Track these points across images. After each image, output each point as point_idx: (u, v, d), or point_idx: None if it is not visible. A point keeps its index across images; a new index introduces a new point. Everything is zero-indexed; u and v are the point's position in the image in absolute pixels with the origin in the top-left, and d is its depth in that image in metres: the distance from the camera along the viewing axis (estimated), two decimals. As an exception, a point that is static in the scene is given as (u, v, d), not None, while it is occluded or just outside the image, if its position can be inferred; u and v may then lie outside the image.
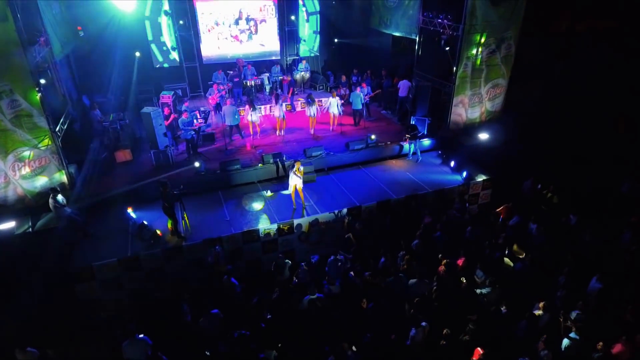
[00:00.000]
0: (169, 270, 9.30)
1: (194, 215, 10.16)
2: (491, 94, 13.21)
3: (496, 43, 12.30)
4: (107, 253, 8.95)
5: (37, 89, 8.82)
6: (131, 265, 8.95)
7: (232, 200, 10.89)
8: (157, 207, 10.25)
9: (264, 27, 16.16)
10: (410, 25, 14.10)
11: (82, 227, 9.44)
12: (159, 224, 9.78)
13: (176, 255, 9.27)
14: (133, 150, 12.35)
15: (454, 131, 13.25)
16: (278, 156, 11.80)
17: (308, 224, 10.21)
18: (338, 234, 10.55)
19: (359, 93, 13.61)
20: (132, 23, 14.56)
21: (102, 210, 10.22)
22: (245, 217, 10.23)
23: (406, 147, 12.90)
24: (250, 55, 16.33)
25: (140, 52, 15.09)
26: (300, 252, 10.38)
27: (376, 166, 12.54)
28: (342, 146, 12.70)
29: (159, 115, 11.13)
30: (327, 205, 10.61)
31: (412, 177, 11.86)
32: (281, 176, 11.89)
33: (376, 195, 10.92)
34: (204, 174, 11.25)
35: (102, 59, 14.71)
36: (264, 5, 15.81)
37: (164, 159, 11.50)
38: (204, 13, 15.31)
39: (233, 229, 9.74)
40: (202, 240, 9.36)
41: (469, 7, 11.38)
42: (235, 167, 11.41)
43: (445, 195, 11.29)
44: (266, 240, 9.95)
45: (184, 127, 11.74)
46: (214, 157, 12.25)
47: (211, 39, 15.78)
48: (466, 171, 11.59)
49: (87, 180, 10.80)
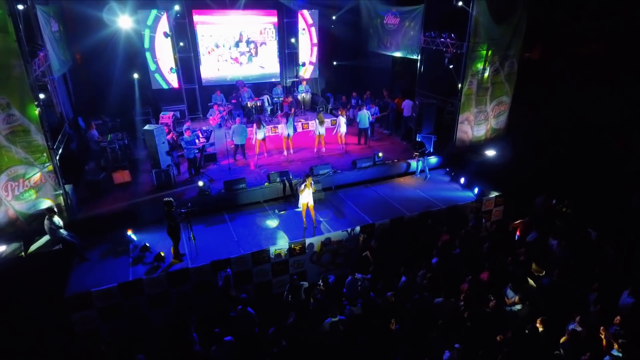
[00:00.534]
0: (173, 295, 8.62)
1: (199, 236, 9.59)
2: (496, 111, 13.23)
3: (500, 61, 12.42)
4: (106, 278, 8.27)
5: (36, 103, 8.36)
6: (133, 290, 8.26)
7: (238, 221, 10.37)
8: (159, 229, 9.74)
9: (264, 50, 16.16)
10: (411, 45, 14.24)
11: (79, 250, 8.76)
12: (162, 246, 9.17)
13: (182, 279, 8.62)
14: (132, 171, 11.82)
15: (460, 148, 13.13)
16: (285, 174, 11.42)
17: (320, 243, 9.70)
18: (351, 253, 10.08)
19: (366, 112, 13.51)
20: (132, 44, 14.37)
21: (100, 232, 9.58)
22: (254, 237, 9.69)
23: (414, 165, 12.68)
24: (250, 78, 16.22)
25: (138, 74, 14.84)
26: (312, 274, 9.82)
27: (384, 184, 12.24)
28: (349, 164, 12.41)
29: (162, 133, 10.72)
30: (338, 223, 10.17)
31: (422, 194, 11.56)
32: (288, 195, 11.47)
33: (388, 213, 10.54)
34: (207, 193, 10.74)
35: (99, 81, 14.43)
36: (264, 28, 15.87)
37: (165, 178, 10.97)
38: (204, 35, 15.25)
39: (242, 250, 9.18)
40: (209, 262, 8.76)
41: (472, 25, 11.51)
42: (240, 186, 10.96)
43: (459, 211, 10.99)
44: (276, 261, 9.39)
45: (187, 146, 11.31)
46: (218, 177, 11.79)
47: (211, 61, 15.66)
48: (478, 187, 11.36)
49: (84, 202, 10.21)
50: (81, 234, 9.09)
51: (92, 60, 14.14)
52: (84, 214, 9.88)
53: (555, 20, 12.85)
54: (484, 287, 8.30)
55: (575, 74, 13.14)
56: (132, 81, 14.71)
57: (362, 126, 13.59)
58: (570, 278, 8.50)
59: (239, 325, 7.35)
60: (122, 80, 14.60)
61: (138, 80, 14.89)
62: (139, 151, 13.43)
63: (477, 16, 11.38)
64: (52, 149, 8.82)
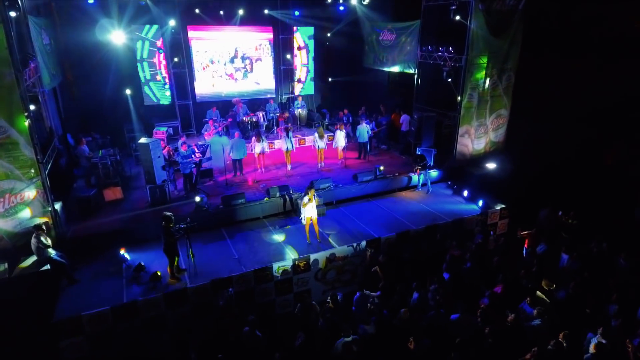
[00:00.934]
0: (171, 317, 8.03)
1: (197, 254, 9.09)
2: (495, 125, 13.22)
3: (498, 74, 12.48)
4: (98, 301, 7.68)
5: (26, 114, 7.90)
6: (127, 313, 7.66)
7: (237, 237, 9.90)
8: (154, 247, 9.22)
9: (259, 66, 16.02)
10: (408, 60, 14.28)
11: (68, 271, 8.15)
12: (158, 265, 8.63)
13: (180, 300, 8.06)
14: (124, 188, 11.30)
15: (460, 162, 13.00)
16: (285, 189, 11.05)
17: (325, 260, 9.28)
18: (356, 270, 9.68)
19: (366, 126, 13.35)
20: (123, 61, 14.05)
21: (91, 252, 9.00)
22: (256, 254, 9.22)
23: (415, 179, 12.46)
24: (245, 94, 16.00)
25: (131, 90, 14.47)
26: (316, 292, 9.35)
27: (386, 198, 11.96)
28: (349, 178, 12.12)
29: (158, 147, 10.29)
30: (342, 238, 9.79)
31: (426, 207, 11.31)
32: (288, 210, 11.07)
33: (394, 227, 10.23)
34: (205, 209, 10.28)
35: (89, 97, 14.00)
36: (259, 44, 15.77)
37: (160, 194, 10.48)
38: (199, 51, 15.05)
39: (244, 268, 8.69)
40: (210, 281, 8.24)
41: (471, 38, 11.57)
42: (239, 201, 10.53)
43: (465, 224, 10.74)
44: (279, 279, 8.90)
45: (183, 161, 10.88)
46: (214, 192, 11.35)
47: (206, 76, 15.41)
48: (482, 200, 11.16)
49: (74, 220, 9.65)
50: (71, 254, 8.50)
51: (82, 76, 13.76)
52: (74, 233, 9.30)
53: (547, 35, 13.03)
54: (499, 302, 7.98)
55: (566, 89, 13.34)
56: (123, 97, 14.32)
57: (362, 140, 13.41)
58: (586, 290, 8.24)
59: (246, 350, 6.81)
60: (113, 97, 14.20)
61: (130, 96, 14.52)
62: (130, 168, 12.95)
63: (475, 29, 11.45)
64: (41, 162, 8.32)
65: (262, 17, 15.38)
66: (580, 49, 12.86)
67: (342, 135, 12.94)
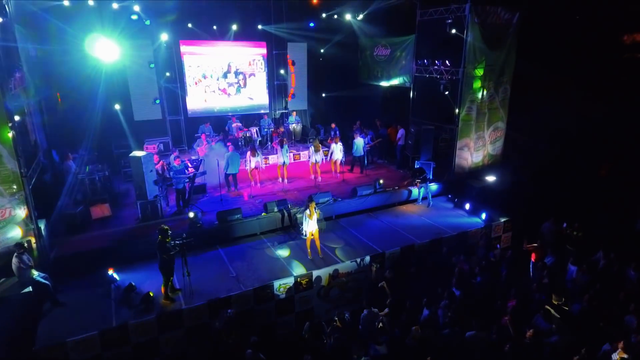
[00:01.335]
0: (164, 342, 7.42)
1: (193, 273, 8.53)
2: (492, 137, 13.15)
3: (494, 86, 12.49)
4: (85, 325, 7.05)
5: (10, 124, 7.41)
6: (116, 338, 7.03)
7: (234, 255, 9.39)
8: (145, 266, 8.70)
9: (252, 81, 15.80)
10: (403, 74, 14.27)
11: (52, 293, 7.51)
12: (150, 286, 8.05)
13: (174, 323, 7.47)
14: (112, 206, 10.74)
15: (459, 175, 12.83)
16: (282, 204, 10.65)
17: (328, 276, 8.82)
18: (360, 286, 9.22)
19: (361, 140, 13.14)
20: (112, 75, 13.65)
21: (76, 273, 8.36)
22: (255, 272, 8.71)
23: (415, 192, 12.20)
24: (238, 109, 15.70)
25: (120, 105, 14.04)
26: (319, 312, 8.85)
27: (387, 212, 11.65)
28: (348, 193, 11.78)
29: (150, 160, 9.82)
30: (345, 253, 9.38)
31: (428, 221, 11.02)
32: (286, 226, 10.63)
33: (397, 241, 9.87)
34: (199, 225, 9.77)
35: (76, 111, 13.50)
36: (253, 60, 15.60)
37: (152, 211, 9.95)
38: (191, 66, 14.77)
39: (243, 286, 8.16)
40: (207, 301, 7.68)
41: (468, 51, 11.58)
42: (235, 217, 10.06)
43: (469, 238, 10.45)
44: (280, 299, 8.39)
45: (176, 176, 10.41)
46: (209, 208, 10.85)
47: (198, 92, 15.10)
48: (485, 213, 10.94)
49: (59, 238, 9.03)
50: (55, 275, 7.88)
51: (69, 90, 13.27)
52: (58, 252, 8.67)
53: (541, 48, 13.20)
54: (513, 316, 7.61)
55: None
56: (112, 113, 13.88)
57: (357, 154, 13.16)
58: (600, 303, 7.96)
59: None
60: (101, 112, 13.71)
61: (119, 111, 14.08)
62: (119, 185, 12.39)
63: (471, 42, 11.48)
64: (25, 176, 7.77)
65: (256, 32, 15.27)
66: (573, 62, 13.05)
67: (338, 149, 12.73)
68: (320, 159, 12.41)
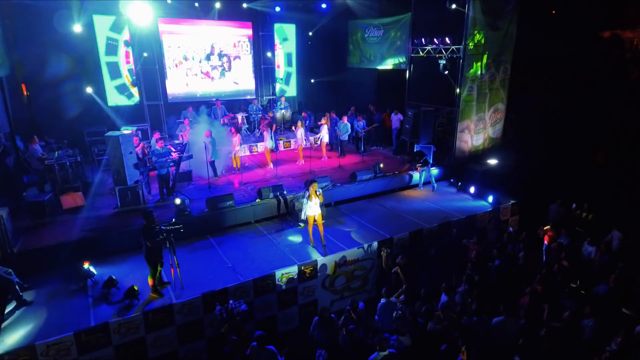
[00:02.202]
0: (152, 342, 6.44)
1: (182, 265, 7.58)
2: (492, 119, 12.68)
3: (495, 66, 12.01)
4: (58, 325, 6.05)
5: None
6: (95, 340, 6.01)
7: (228, 244, 8.47)
8: (127, 259, 7.72)
9: (238, 64, 14.83)
10: (398, 55, 13.63)
11: (17, 291, 6.40)
12: (134, 279, 7.05)
13: (164, 320, 6.49)
14: (86, 195, 9.61)
15: (460, 159, 12.29)
16: (278, 189, 9.77)
17: (334, 264, 8.01)
18: (367, 275, 8.48)
19: (346, 123, 12.41)
20: (83, 55, 12.45)
21: (46, 268, 7.27)
22: (253, 261, 7.82)
23: (416, 177, 11.56)
24: (223, 94, 14.69)
25: (92, 88, 12.83)
26: (324, 302, 8.02)
27: (388, 197, 10.96)
28: (346, 177, 11.03)
29: (129, 141, 8.75)
30: (349, 240, 8.59)
31: (434, 205, 10.39)
32: (283, 213, 9.77)
33: (404, 226, 9.18)
34: (187, 213, 8.79)
35: (43, 96, 12.23)
36: (238, 41, 14.63)
37: (132, 198, 8.88)
38: (171, 46, 13.68)
39: (241, 277, 7.26)
40: (201, 294, 6.74)
41: (469, 26, 11.04)
42: (227, 203, 9.12)
43: (477, 221, 9.88)
44: (283, 290, 7.53)
45: (159, 160, 9.36)
46: (196, 196, 9.87)
47: (179, 75, 14.01)
48: (492, 196, 10.41)
49: (24, 230, 7.87)
50: (20, 270, 6.77)
51: (35, 72, 11.98)
52: (24, 245, 7.54)
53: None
54: (538, 300, 7.04)
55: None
56: (83, 97, 12.68)
57: (342, 138, 12.43)
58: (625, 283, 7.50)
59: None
60: (71, 96, 12.51)
61: (91, 95, 12.87)
62: (92, 175, 11.21)
63: (472, 16, 10.94)
64: (-19, 154, 6.62)
65: (241, 11, 14.30)
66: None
67: (325, 131, 12.12)
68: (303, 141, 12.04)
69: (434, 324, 6.15)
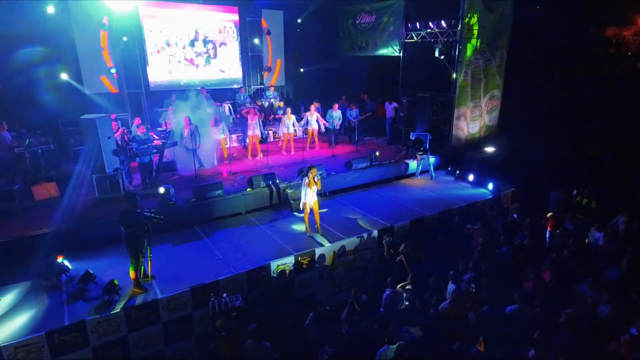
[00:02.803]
0: (135, 341, 5.81)
1: (169, 258, 6.98)
2: (489, 106, 12.35)
3: (491, 50, 11.68)
4: (27, 325, 5.38)
5: None
6: (71, 340, 5.36)
7: (218, 236, 7.87)
8: (105, 253, 7.09)
9: (224, 51, 14.14)
10: (391, 41, 13.18)
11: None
12: (114, 274, 6.37)
13: (148, 317, 5.86)
14: (61, 186, 8.85)
15: (456, 147, 11.92)
16: (270, 178, 9.20)
17: (333, 254, 7.49)
18: (367, 266, 8.00)
19: (338, 111, 11.90)
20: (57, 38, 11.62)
21: (13, 263, 6.54)
22: (245, 253, 7.24)
23: (412, 166, 11.13)
24: (209, 82, 13.96)
25: (67, 75, 11.99)
26: (321, 296, 7.51)
27: (385, 187, 10.51)
28: (341, 167, 10.52)
29: (107, 124, 8.05)
30: (347, 229, 8.07)
31: (433, 194, 9.99)
32: (275, 203, 9.20)
33: (404, 214, 8.73)
34: (172, 203, 8.14)
35: (10, 82, 11.33)
36: (224, 27, 13.94)
37: (112, 187, 8.16)
38: (152, 31, 12.90)
39: (233, 269, 6.67)
40: (189, 288, 6.12)
41: (465, 11, 10.67)
42: (216, 193, 8.50)
43: (479, 209, 9.51)
44: (278, 282, 6.97)
45: (141, 146, 8.67)
46: (181, 187, 9.20)
47: (161, 61, 13.24)
48: (492, 183, 10.06)
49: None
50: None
51: (4, 56, 11.10)
52: (-11, 238, 6.77)
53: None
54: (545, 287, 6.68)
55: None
56: (58, 84, 11.83)
57: (331, 126, 11.91)
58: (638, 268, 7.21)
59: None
60: (45, 83, 11.64)
61: (68, 83, 12.04)
62: (68, 167, 10.41)
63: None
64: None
65: (228, -5, 13.63)
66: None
67: (314, 119, 11.59)
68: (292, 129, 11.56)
69: (443, 315, 5.70)
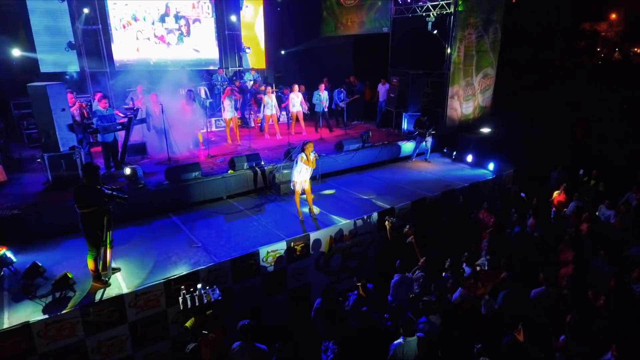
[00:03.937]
0: (95, 347, 4.74)
1: (138, 247, 5.92)
2: (482, 85, 11.74)
3: (483, 25, 11.05)
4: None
5: None
6: (10, 347, 4.27)
7: (196, 223, 6.82)
8: (58, 244, 5.97)
9: (198, 28, 13.00)
10: (380, 18, 12.39)
11: None
12: (69, 266, 5.27)
13: (111, 316, 4.80)
14: (10, 171, 7.62)
15: (450, 128, 11.26)
16: (254, 159, 8.21)
17: (329, 239, 6.60)
18: (366, 252, 7.16)
19: (325, 93, 11.03)
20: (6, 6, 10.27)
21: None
22: (228, 240, 6.24)
23: (406, 148, 10.38)
24: (182, 63, 12.80)
25: (20, 51, 10.64)
26: (317, 286, 6.59)
27: (380, 169, 9.72)
28: (330, 149, 9.63)
29: (62, 95, 6.84)
30: (343, 212, 7.20)
31: (432, 175, 9.27)
32: (260, 187, 8.22)
33: (404, 196, 7.94)
34: (141, 186, 7.05)
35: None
36: (197, 1, 12.81)
37: (68, 169, 6.95)
38: (117, 3, 11.64)
39: (215, 257, 5.67)
40: (162, 281, 5.09)
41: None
42: (193, 175, 7.45)
43: (481, 189, 8.84)
44: (268, 272, 6.02)
45: (103, 124, 7.51)
46: (153, 170, 8.11)
47: (127, 38, 12.00)
48: (494, 163, 9.43)
49: None
50: None
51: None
52: None
53: None
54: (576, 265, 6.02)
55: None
56: (8, 61, 10.49)
57: (318, 109, 11.03)
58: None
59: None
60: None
61: (19, 60, 10.68)
62: (20, 152, 9.14)
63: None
64: None
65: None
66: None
67: (298, 101, 10.73)
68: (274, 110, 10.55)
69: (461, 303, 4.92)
